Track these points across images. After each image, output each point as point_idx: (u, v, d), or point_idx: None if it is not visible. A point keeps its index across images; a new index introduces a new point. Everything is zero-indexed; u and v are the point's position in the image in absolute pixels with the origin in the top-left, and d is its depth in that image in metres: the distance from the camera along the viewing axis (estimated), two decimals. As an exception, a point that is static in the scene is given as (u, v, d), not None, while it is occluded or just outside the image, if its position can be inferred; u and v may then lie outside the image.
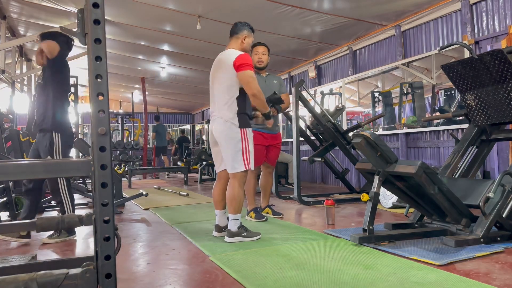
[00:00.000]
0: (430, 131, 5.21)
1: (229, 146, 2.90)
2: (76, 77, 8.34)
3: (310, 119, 5.95)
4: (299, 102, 4.74)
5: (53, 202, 4.81)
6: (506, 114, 2.87)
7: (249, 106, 3.05)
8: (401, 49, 5.78)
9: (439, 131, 5.06)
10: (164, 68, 9.57)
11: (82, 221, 1.39)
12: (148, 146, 11.72)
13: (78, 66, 10.18)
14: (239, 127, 2.91)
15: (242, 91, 2.95)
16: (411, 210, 3.61)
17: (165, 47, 8.00)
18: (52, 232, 3.09)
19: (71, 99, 8.20)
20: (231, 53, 2.96)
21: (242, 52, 2.96)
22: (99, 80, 1.13)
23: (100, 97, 1.13)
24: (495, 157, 4.37)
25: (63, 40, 3.21)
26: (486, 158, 3.48)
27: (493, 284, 1.89)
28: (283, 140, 8.69)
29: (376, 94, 6.66)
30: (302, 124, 5.68)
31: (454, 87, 3.29)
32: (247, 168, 2.91)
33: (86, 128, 14.63)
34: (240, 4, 5.50)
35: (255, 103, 3.03)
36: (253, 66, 2.96)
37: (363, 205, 4.45)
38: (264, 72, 3.98)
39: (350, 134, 4.95)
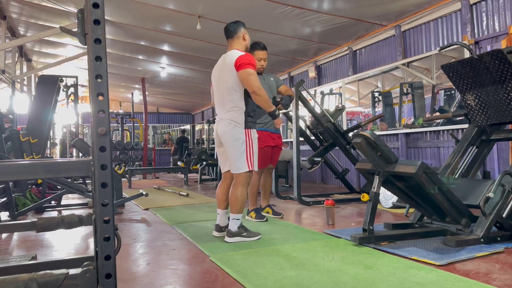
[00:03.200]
0: (430, 131, 5.21)
1: (233, 147, 2.91)
2: (76, 77, 8.34)
3: (310, 119, 5.95)
4: (299, 102, 4.74)
5: (53, 202, 4.82)
6: (506, 114, 2.87)
7: (254, 106, 3.04)
8: (401, 49, 5.78)
9: (439, 131, 5.06)
10: (164, 68, 9.57)
11: (82, 221, 1.39)
12: (148, 146, 11.72)
13: (78, 66, 10.21)
14: (246, 128, 2.92)
15: (246, 92, 2.94)
16: (411, 210, 3.61)
17: (165, 47, 8.00)
18: None
19: (71, 99, 8.21)
20: (234, 54, 2.95)
21: (243, 53, 2.96)
22: (99, 80, 1.13)
23: (100, 97, 1.13)
24: (495, 157, 4.36)
25: None
26: (486, 158, 3.48)
27: (493, 284, 1.89)
28: (283, 140, 8.72)
29: (376, 94, 6.66)
30: (302, 124, 5.68)
31: (454, 87, 3.29)
32: (251, 169, 2.92)
33: (86, 128, 14.63)
34: (240, 4, 5.50)
35: (256, 100, 2.96)
36: (254, 65, 2.94)
37: (363, 205, 4.45)
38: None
39: (350, 134, 4.95)
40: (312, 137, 5.69)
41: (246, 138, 2.91)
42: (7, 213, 4.05)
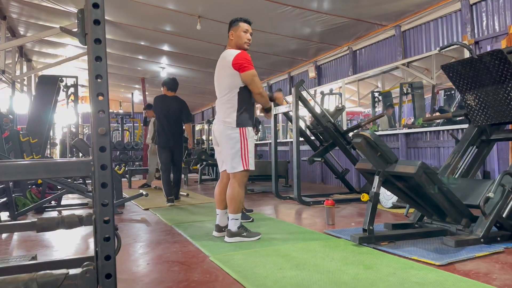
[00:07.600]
0: (430, 131, 5.20)
1: (228, 146, 2.91)
2: (76, 77, 8.34)
3: (310, 119, 5.95)
4: (299, 102, 4.73)
5: (53, 202, 4.82)
6: (506, 114, 2.87)
7: (250, 105, 3.05)
8: (401, 49, 5.78)
9: (439, 131, 5.06)
10: (164, 68, 9.57)
11: (82, 221, 1.39)
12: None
13: (78, 66, 10.21)
14: (238, 127, 2.91)
15: (241, 91, 2.94)
16: (411, 210, 3.61)
17: (165, 47, 8.00)
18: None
19: (71, 99, 8.22)
20: (229, 54, 2.98)
21: (239, 51, 2.96)
22: (99, 80, 1.13)
23: (100, 97, 1.13)
24: (495, 157, 4.36)
25: None
26: (486, 158, 3.48)
27: (493, 284, 1.89)
28: (283, 140, 8.73)
29: (376, 94, 6.66)
30: (302, 124, 5.68)
31: (454, 87, 3.29)
32: (246, 168, 2.91)
33: (86, 128, 14.63)
34: (240, 4, 5.50)
35: (260, 100, 3.05)
36: (252, 63, 2.96)
37: (363, 205, 4.45)
38: None
39: (350, 134, 4.95)
40: (312, 137, 5.69)
41: (240, 137, 2.91)
42: (7, 213, 4.05)
